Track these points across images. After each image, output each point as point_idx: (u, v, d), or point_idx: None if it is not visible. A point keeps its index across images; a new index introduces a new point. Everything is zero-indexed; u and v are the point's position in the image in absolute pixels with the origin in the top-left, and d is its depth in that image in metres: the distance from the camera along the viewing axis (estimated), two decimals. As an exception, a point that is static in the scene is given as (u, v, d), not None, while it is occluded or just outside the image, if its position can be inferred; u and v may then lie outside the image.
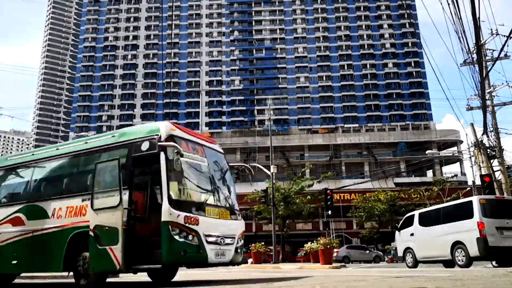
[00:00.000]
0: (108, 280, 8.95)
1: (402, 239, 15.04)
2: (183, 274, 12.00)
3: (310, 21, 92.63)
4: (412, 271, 11.25)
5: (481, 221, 11.14)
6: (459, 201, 13.33)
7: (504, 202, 12.60)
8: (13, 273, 9.43)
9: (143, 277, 10.24)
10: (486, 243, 10.92)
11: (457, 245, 11.84)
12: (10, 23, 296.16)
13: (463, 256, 11.61)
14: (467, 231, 11.52)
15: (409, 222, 14.76)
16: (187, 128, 9.18)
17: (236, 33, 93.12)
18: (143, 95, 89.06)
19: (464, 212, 11.90)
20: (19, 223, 8.47)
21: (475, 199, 11.84)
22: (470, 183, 41.81)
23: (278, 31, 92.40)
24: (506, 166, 20.10)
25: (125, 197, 7.11)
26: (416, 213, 14.74)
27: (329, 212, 24.79)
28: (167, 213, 6.75)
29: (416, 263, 13.95)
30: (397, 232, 15.63)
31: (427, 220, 13.78)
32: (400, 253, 15.04)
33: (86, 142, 8.66)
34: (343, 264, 21.48)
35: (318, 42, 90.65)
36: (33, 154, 9.56)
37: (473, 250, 11.21)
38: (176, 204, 6.90)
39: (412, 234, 14.26)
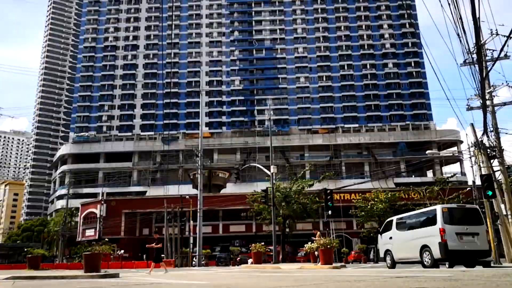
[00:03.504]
0: None
1: (383, 242, 16.23)
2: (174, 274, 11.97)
3: (310, 21, 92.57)
4: (413, 271, 11.26)
5: (442, 228, 12.45)
6: (426, 209, 14.57)
7: (465, 210, 13.91)
8: None
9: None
10: (446, 247, 12.14)
11: (424, 248, 13.03)
12: (10, 23, 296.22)
13: (429, 258, 12.73)
14: (431, 236, 12.74)
15: (388, 227, 15.95)
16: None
17: (236, 33, 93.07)
18: (143, 95, 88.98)
19: (430, 219, 13.23)
20: None
21: (438, 208, 13.24)
22: (470, 183, 41.78)
23: (278, 31, 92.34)
24: (506, 166, 20.07)
25: None
26: (394, 218, 15.99)
27: (329, 212, 24.69)
28: None
29: (394, 264, 14.97)
30: (379, 235, 16.75)
31: (403, 225, 15.05)
32: (381, 254, 16.18)
33: None
34: (343, 264, 21.47)
35: (318, 42, 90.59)
36: None
37: (436, 253, 12.38)
38: None
39: (391, 238, 15.46)
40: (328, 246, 16.46)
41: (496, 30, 17.69)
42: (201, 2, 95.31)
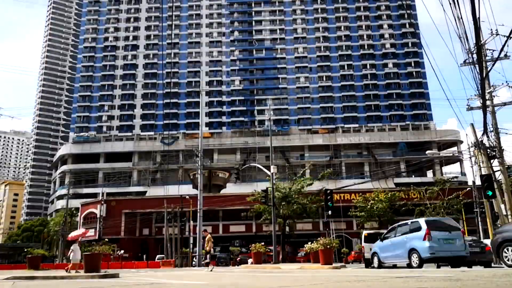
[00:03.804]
0: None
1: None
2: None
3: (310, 21, 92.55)
4: (413, 271, 11.26)
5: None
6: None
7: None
8: None
9: None
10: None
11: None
12: (10, 24, 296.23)
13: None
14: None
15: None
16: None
17: (236, 33, 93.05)
18: (143, 95, 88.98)
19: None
20: None
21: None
22: (470, 183, 41.78)
23: (278, 31, 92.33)
24: (506, 166, 20.09)
25: None
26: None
27: (329, 212, 24.70)
28: None
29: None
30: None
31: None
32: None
33: None
34: (343, 264, 21.50)
35: (318, 42, 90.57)
36: None
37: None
38: None
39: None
40: (328, 246, 16.49)
41: (496, 30, 17.70)
42: (201, 2, 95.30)
